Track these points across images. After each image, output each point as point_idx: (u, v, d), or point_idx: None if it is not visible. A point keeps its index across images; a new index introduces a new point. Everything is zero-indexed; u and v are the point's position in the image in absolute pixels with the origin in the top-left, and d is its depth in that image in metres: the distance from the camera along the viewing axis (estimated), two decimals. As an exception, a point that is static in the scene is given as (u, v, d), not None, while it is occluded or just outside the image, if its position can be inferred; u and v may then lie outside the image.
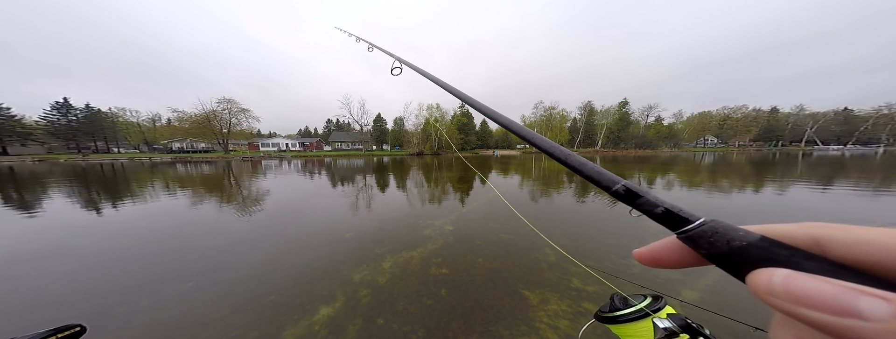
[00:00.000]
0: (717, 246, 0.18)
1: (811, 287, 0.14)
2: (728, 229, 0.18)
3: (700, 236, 0.19)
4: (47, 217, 5.21)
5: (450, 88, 0.56)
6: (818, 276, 0.15)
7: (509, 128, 0.37)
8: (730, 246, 0.18)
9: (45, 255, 3.29)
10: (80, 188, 8.93)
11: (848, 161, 17.25)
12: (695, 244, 0.20)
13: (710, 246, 0.19)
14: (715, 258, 0.19)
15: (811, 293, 0.14)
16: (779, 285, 0.15)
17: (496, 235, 3.74)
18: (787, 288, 0.15)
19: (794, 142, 70.04)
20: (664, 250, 0.22)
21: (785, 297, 0.14)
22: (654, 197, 0.23)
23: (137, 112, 64.22)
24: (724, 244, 0.18)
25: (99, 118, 52.11)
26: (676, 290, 2.32)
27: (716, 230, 0.19)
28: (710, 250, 0.19)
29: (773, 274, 0.16)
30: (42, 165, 22.19)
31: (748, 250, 0.17)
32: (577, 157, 0.27)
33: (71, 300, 2.32)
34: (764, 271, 0.16)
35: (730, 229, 0.18)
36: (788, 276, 0.15)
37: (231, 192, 7.91)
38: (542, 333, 1.82)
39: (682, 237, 0.21)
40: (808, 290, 0.14)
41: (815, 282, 0.14)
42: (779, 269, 0.16)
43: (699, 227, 0.20)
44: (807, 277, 0.15)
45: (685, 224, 0.20)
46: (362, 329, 1.88)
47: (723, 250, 0.18)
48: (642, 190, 0.23)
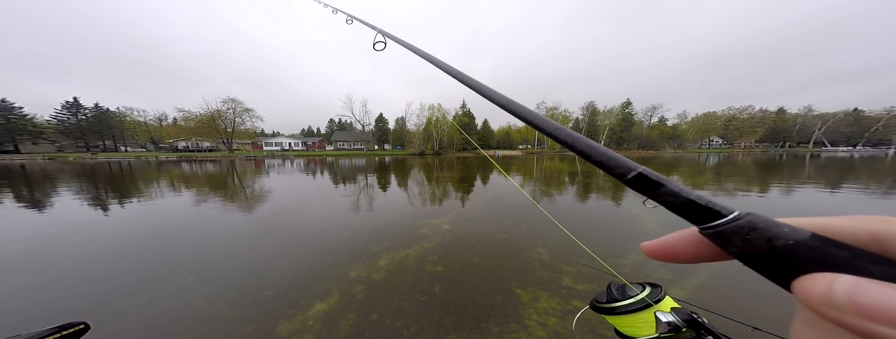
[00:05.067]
0: (755, 245, 0.16)
1: (885, 299, 0.11)
2: (770, 225, 0.16)
3: (733, 233, 0.17)
4: (55, 213, 5.34)
5: (438, 62, 0.50)
6: (891, 284, 0.12)
7: (506, 106, 0.33)
8: (771, 245, 0.15)
9: (51, 250, 3.39)
10: (89, 186, 9.13)
11: (856, 163, 16.96)
12: (724, 241, 0.17)
13: (745, 244, 0.16)
14: (749, 258, 0.16)
15: (885, 305, 0.11)
16: (843, 294, 0.12)
17: (492, 234, 3.76)
18: (853, 299, 0.12)
19: (801, 143, 68.98)
20: (679, 243, 0.20)
21: (849, 309, 0.12)
22: (678, 186, 0.20)
23: (144, 112, 65.53)
24: (764, 243, 0.15)
25: (107, 118, 53.11)
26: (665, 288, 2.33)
27: (754, 226, 0.16)
28: (744, 248, 0.16)
29: (835, 281, 0.13)
30: (52, 164, 22.66)
31: (796, 250, 0.15)
32: (585, 140, 0.24)
33: (74, 294, 2.39)
34: (821, 276, 0.13)
35: (772, 225, 0.16)
36: (855, 284, 0.12)
37: (234, 190, 8.03)
38: (530, 330, 1.85)
39: (709, 233, 0.18)
40: (882, 302, 0.11)
41: (890, 292, 0.12)
42: (841, 275, 0.13)
43: (733, 222, 0.17)
44: (879, 286, 0.12)
45: (716, 218, 0.18)
46: (356, 324, 1.92)
47: (762, 249, 0.15)
48: (663, 178, 0.20)
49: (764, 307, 2.02)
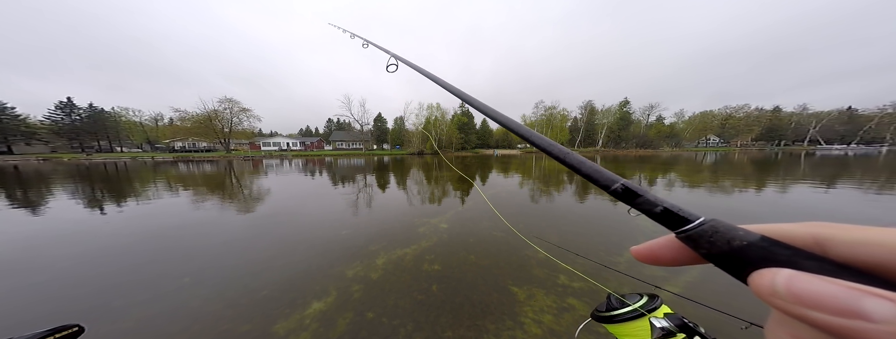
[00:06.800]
0: (718, 246, 0.18)
1: (815, 288, 0.14)
2: (728, 229, 0.18)
3: (700, 236, 0.19)
4: (51, 215, 5.30)
5: (447, 86, 0.54)
6: (822, 276, 0.14)
7: (507, 126, 0.36)
8: (730, 246, 0.18)
9: (47, 251, 3.37)
10: (84, 187, 9.05)
11: (851, 161, 17.15)
12: (694, 244, 0.20)
13: (711, 246, 0.19)
14: (715, 258, 0.18)
15: (815, 293, 0.14)
16: (782, 285, 0.15)
17: (489, 233, 3.78)
18: (790, 289, 0.14)
19: (796, 141, 69.56)
20: (661, 248, 0.22)
21: (788, 298, 0.14)
22: (654, 196, 0.22)
23: (140, 112, 64.83)
24: (725, 244, 0.18)
25: (102, 118, 52.50)
26: (658, 286, 2.37)
27: (716, 230, 0.19)
28: (710, 249, 0.19)
29: (776, 275, 0.15)
30: (46, 164, 22.41)
31: (749, 249, 0.17)
32: (575, 155, 0.27)
33: (71, 293, 2.38)
34: (766, 271, 0.16)
35: (730, 229, 0.18)
36: (791, 276, 0.15)
37: (231, 191, 7.99)
38: (526, 327, 1.86)
39: (682, 237, 0.20)
40: (812, 291, 0.14)
41: (819, 282, 0.14)
42: (782, 269, 0.15)
43: (699, 227, 0.19)
44: (810, 277, 0.14)
45: (684, 224, 0.20)
46: (352, 323, 1.93)
47: (723, 249, 0.18)
48: (641, 189, 0.23)
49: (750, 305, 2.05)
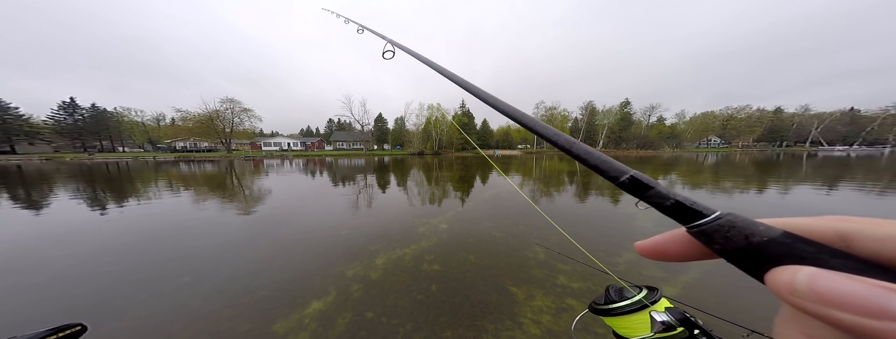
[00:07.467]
0: (734, 241, 0.17)
1: (840, 286, 0.13)
2: (747, 224, 0.17)
3: (715, 231, 0.18)
4: (52, 214, 5.32)
5: (446, 72, 0.52)
6: (847, 274, 0.13)
7: (510, 114, 0.35)
8: (748, 242, 0.17)
9: (47, 251, 3.39)
10: (86, 187, 9.09)
11: (853, 162, 17.07)
12: (708, 239, 0.19)
13: (726, 241, 0.18)
14: (730, 255, 0.18)
15: (840, 292, 0.13)
16: (803, 283, 0.14)
17: (489, 233, 3.78)
18: (812, 287, 0.13)
19: (798, 142, 69.33)
20: (669, 242, 0.21)
21: (810, 296, 0.13)
22: (665, 189, 0.21)
23: (142, 112, 65.22)
24: (742, 240, 0.17)
25: (104, 118, 52.85)
26: (657, 286, 2.36)
27: (733, 225, 0.18)
28: (724, 245, 0.18)
29: (798, 272, 0.14)
30: (49, 164, 22.53)
31: (769, 246, 0.16)
32: (581, 145, 0.26)
33: (71, 293, 2.39)
34: (786, 268, 0.15)
35: (749, 224, 0.17)
36: (815, 274, 0.14)
37: (232, 191, 8.02)
38: (525, 327, 1.86)
39: (694, 231, 0.19)
40: (837, 289, 0.13)
41: (845, 280, 0.13)
42: (803, 266, 0.14)
43: (715, 221, 0.18)
44: (834, 275, 0.13)
45: (698, 218, 0.19)
46: (352, 322, 1.93)
47: (740, 245, 0.17)
48: (652, 181, 0.22)
49: (753, 306, 2.05)
